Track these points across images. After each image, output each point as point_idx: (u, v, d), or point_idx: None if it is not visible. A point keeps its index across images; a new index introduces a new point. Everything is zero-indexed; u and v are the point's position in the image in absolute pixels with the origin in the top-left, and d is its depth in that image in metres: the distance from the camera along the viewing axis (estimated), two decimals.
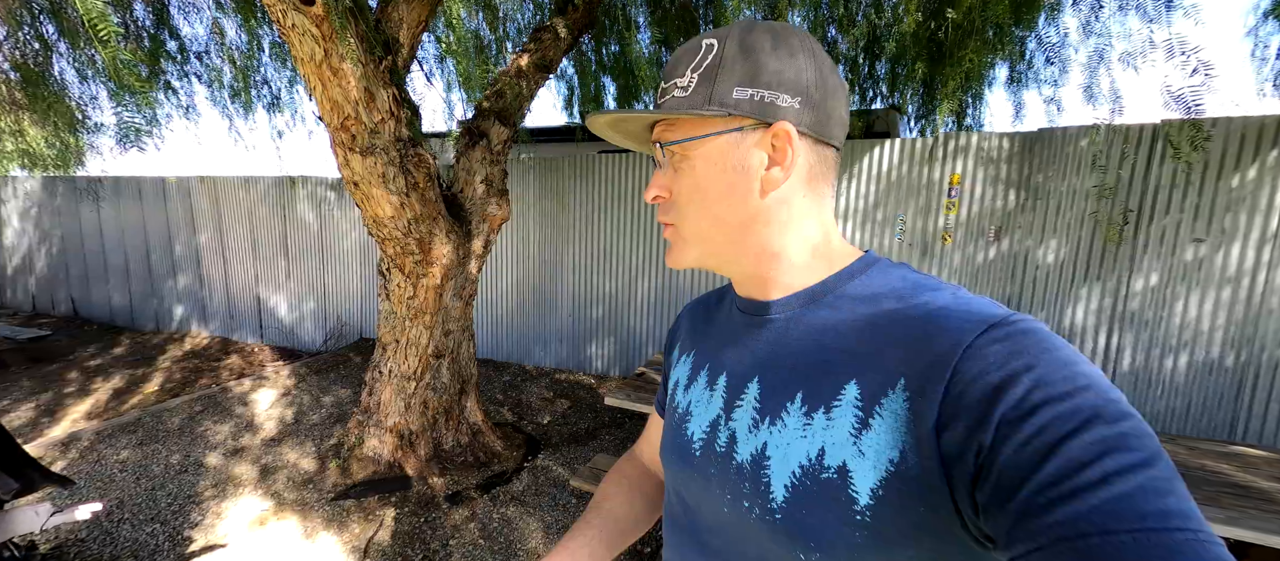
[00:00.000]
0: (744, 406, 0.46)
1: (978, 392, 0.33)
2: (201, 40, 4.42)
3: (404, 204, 2.08)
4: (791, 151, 0.43)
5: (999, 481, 0.31)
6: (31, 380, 4.13)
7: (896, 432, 0.36)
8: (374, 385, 2.60)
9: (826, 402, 0.40)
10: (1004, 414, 0.32)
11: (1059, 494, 0.29)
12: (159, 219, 5.40)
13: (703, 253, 0.49)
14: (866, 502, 0.36)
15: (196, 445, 2.97)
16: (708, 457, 0.47)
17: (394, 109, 2.00)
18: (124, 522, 2.28)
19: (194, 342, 5.22)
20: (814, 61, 0.44)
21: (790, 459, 0.40)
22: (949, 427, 0.34)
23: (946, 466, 0.34)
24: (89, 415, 3.53)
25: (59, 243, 6.05)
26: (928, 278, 0.44)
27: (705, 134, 0.44)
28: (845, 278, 0.46)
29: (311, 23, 1.69)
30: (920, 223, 3.19)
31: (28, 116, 4.90)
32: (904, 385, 0.37)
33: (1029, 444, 0.30)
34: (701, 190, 0.46)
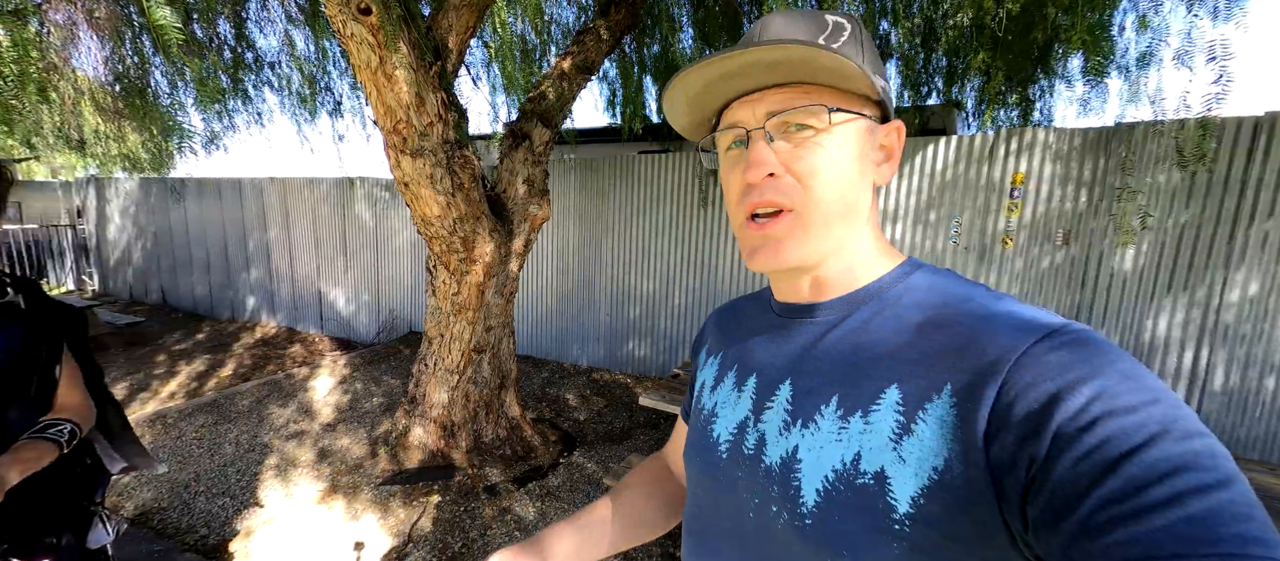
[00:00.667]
0: (775, 408, 0.44)
1: (1032, 401, 0.31)
2: (274, 51, 4.77)
3: (450, 203, 2.16)
4: (899, 151, 0.44)
5: (1053, 497, 0.29)
6: (127, 361, 4.59)
7: (941, 440, 0.34)
8: (420, 377, 2.72)
9: (865, 406, 0.38)
10: (1061, 425, 0.29)
11: (1122, 513, 0.26)
12: (235, 216, 5.87)
13: (822, 246, 0.43)
14: (906, 511, 0.34)
15: (262, 427, 3.21)
16: (735, 460, 0.46)
17: (442, 112, 2.08)
18: (199, 495, 2.49)
19: (263, 331, 5.64)
20: None
21: (823, 463, 0.39)
22: (999, 437, 0.32)
23: (995, 478, 0.32)
24: (173, 395, 3.88)
25: (152, 238, 6.69)
26: (976, 284, 0.42)
27: (856, 110, 0.41)
28: (889, 282, 0.44)
29: (368, 32, 1.78)
30: (978, 224, 3.00)
31: (128, 124, 5.45)
32: (951, 391, 0.35)
33: (1088, 458, 0.28)
34: (841, 173, 0.41)
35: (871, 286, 0.44)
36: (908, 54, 3.55)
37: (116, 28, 4.45)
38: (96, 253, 7.32)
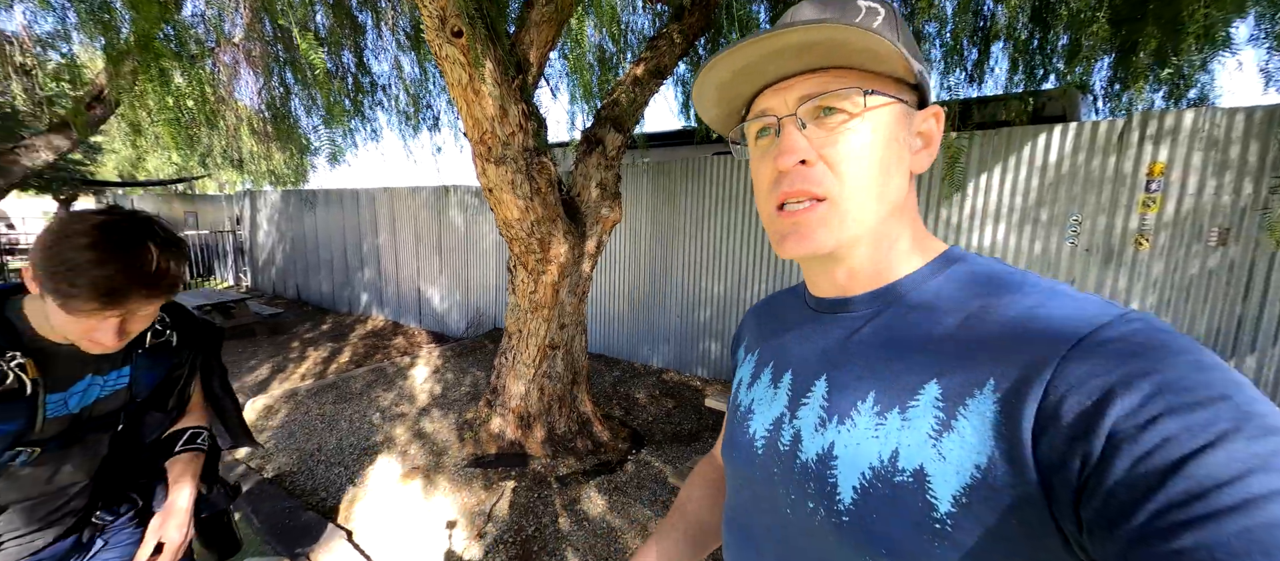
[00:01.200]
0: (810, 404, 0.44)
1: (1084, 396, 0.29)
2: (386, 75, 5.37)
3: (528, 207, 2.30)
4: (938, 136, 0.42)
5: (1111, 499, 0.27)
6: (270, 346, 5.40)
7: (983, 437, 0.32)
8: (500, 370, 2.92)
9: (902, 403, 0.37)
10: (1117, 421, 0.27)
11: (1188, 517, 0.24)
12: (353, 223, 6.68)
13: (856, 233, 0.41)
14: (947, 510, 0.33)
15: (370, 408, 3.62)
16: (771, 456, 0.46)
17: (523, 122, 2.23)
18: (320, 464, 2.87)
19: (373, 324, 6.35)
20: None
21: (860, 460, 0.38)
22: (1047, 435, 0.30)
23: (1044, 478, 0.30)
24: (303, 376, 4.51)
25: (290, 242, 7.81)
26: (1026, 272, 0.39)
27: (892, 95, 0.40)
28: (928, 274, 0.42)
29: (459, 52, 1.96)
30: (1103, 222, 2.62)
31: (274, 144, 6.44)
32: (994, 387, 0.33)
33: (1150, 458, 0.26)
34: (877, 160, 0.40)
35: (912, 278, 0.43)
36: (1017, 34, 3.20)
37: (267, 64, 5.27)
38: (249, 254, 8.69)
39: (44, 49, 4.60)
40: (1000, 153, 2.82)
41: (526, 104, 2.28)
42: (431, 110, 5.26)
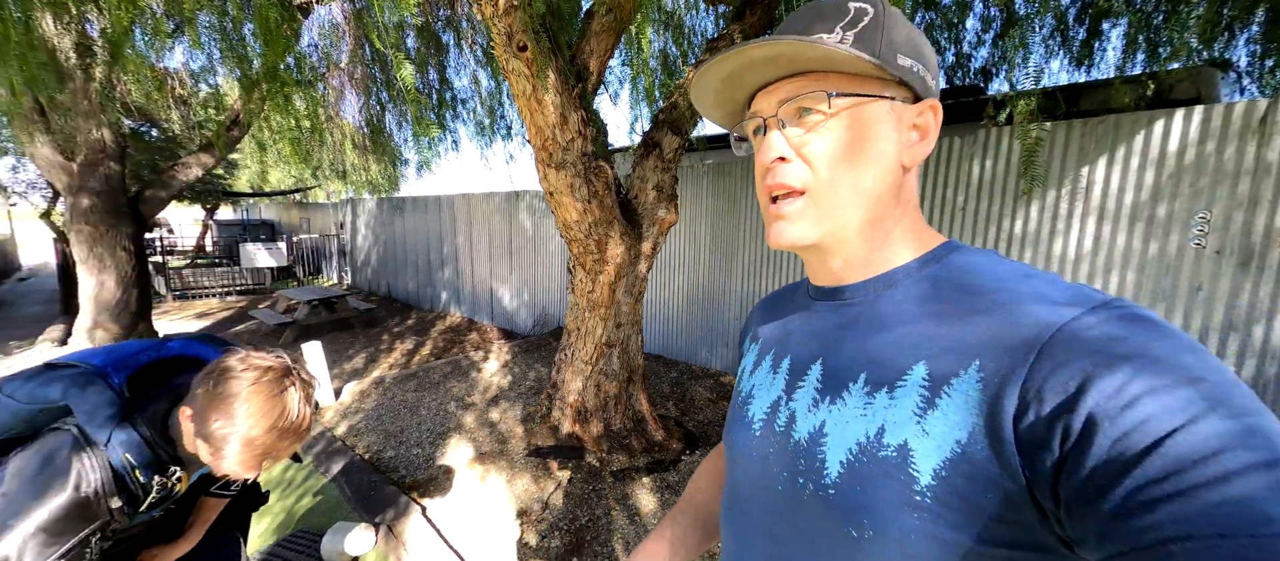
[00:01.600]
0: (805, 387, 0.46)
1: (1065, 378, 0.30)
2: (465, 90, 5.81)
3: (586, 209, 2.40)
4: (935, 129, 0.43)
5: (1091, 476, 0.28)
6: (365, 338, 6.02)
7: (965, 414, 0.34)
8: (560, 365, 3.05)
9: (891, 383, 0.39)
10: (1096, 403, 0.28)
11: (1164, 492, 0.25)
12: (434, 227, 7.26)
13: (834, 226, 0.43)
14: (928, 483, 0.35)
15: (446, 397, 3.93)
16: (767, 436, 0.48)
17: (582, 128, 2.33)
18: (402, 444, 3.16)
19: (451, 321, 6.86)
20: (929, 47, 0.44)
21: (847, 436, 0.40)
22: (1028, 414, 0.31)
23: (1024, 455, 0.31)
24: (391, 366, 4.98)
25: (382, 245, 8.64)
26: (1018, 264, 0.40)
27: (870, 93, 0.41)
28: (924, 262, 0.44)
29: (524, 65, 2.10)
30: (1239, 220, 2.25)
31: (371, 156, 7.19)
32: (979, 367, 0.34)
33: (1128, 437, 0.27)
34: (853, 155, 0.42)
35: (907, 266, 0.44)
36: (1141, 8, 2.85)
37: (366, 85, 5.88)
38: (350, 255, 9.72)
39: (196, 81, 5.48)
40: (1107, 143, 2.50)
41: (586, 110, 2.38)
42: (504, 120, 5.61)
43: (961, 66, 4.52)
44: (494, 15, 1.99)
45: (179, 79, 5.55)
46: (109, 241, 4.70)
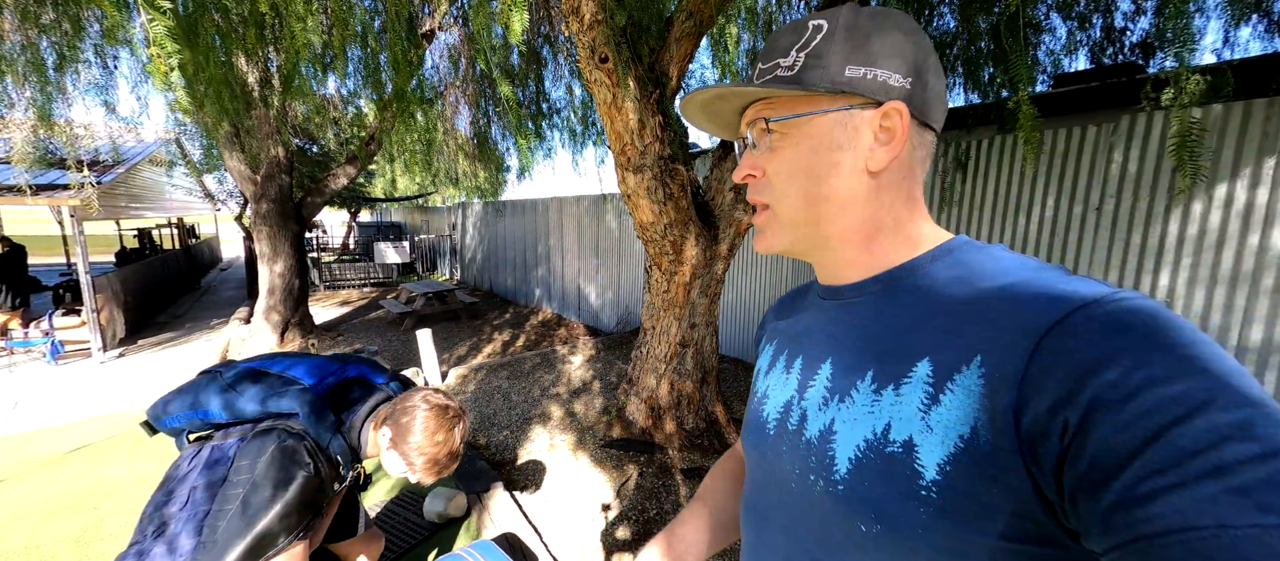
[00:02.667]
0: (816, 386, 0.47)
1: (1067, 369, 0.30)
2: (560, 100, 6.19)
3: (662, 211, 2.46)
4: (902, 132, 0.43)
5: (1091, 466, 0.28)
6: (469, 328, 6.67)
7: (968, 408, 0.35)
8: (637, 362, 3.15)
9: (897, 380, 0.40)
10: (1097, 392, 0.29)
11: (1165, 483, 0.26)
12: (531, 228, 7.82)
13: (796, 236, 0.48)
14: (933, 478, 0.35)
15: (535, 386, 4.23)
16: (781, 435, 0.49)
17: (659, 133, 2.40)
18: (494, 426, 3.47)
19: (543, 316, 7.34)
20: (920, 42, 0.44)
21: (856, 433, 0.41)
22: (1030, 406, 0.31)
23: (1027, 447, 0.32)
24: (490, 354, 5.47)
25: (486, 244, 9.48)
26: (1027, 258, 0.39)
27: (811, 111, 0.44)
28: (929, 259, 0.44)
29: (604, 75, 2.22)
30: None
31: (479, 164, 7.95)
32: (981, 361, 0.35)
33: (1129, 428, 0.27)
34: (804, 170, 0.45)
35: (911, 263, 0.45)
36: None
37: (476, 100, 6.50)
38: (459, 254, 10.79)
39: (345, 105, 6.48)
40: None
41: (664, 115, 2.44)
42: (594, 127, 5.89)
43: (1112, 42, 3.86)
44: (579, 31, 2.13)
45: (332, 103, 6.62)
46: (280, 240, 5.73)
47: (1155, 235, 2.40)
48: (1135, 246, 2.47)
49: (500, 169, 8.22)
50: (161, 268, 8.26)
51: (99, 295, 5.48)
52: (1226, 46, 3.57)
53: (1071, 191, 2.67)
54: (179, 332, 6.59)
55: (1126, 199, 2.48)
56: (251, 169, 5.68)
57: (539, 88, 5.92)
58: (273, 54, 4.14)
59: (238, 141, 5.54)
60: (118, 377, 4.85)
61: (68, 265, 8.78)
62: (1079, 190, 2.64)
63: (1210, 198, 2.23)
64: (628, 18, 2.26)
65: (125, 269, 6.72)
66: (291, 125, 5.80)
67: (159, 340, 6.22)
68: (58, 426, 3.71)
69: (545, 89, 6.00)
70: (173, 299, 8.65)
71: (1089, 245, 2.63)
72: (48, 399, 4.30)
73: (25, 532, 2.38)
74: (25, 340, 5.48)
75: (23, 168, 4.91)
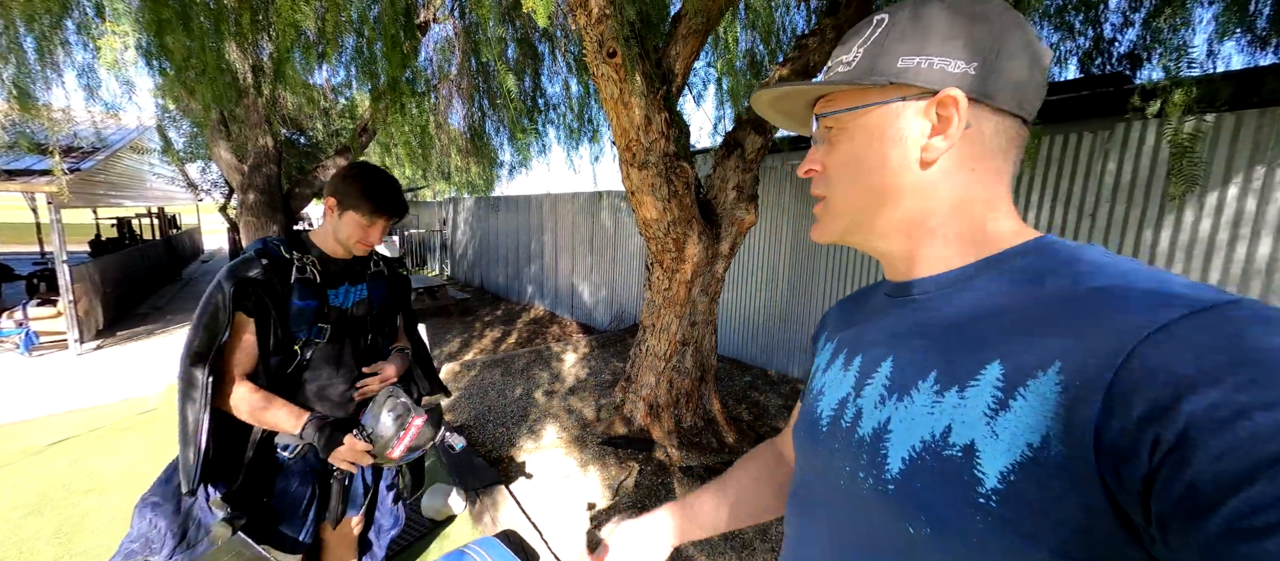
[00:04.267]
0: (874, 383, 0.46)
1: (1160, 384, 0.28)
2: (557, 96, 6.15)
3: (666, 208, 2.46)
4: (958, 119, 0.41)
5: (1189, 493, 0.26)
6: (460, 323, 6.59)
7: (1041, 416, 0.32)
8: (635, 359, 3.14)
9: (962, 382, 0.38)
10: (1197, 411, 0.26)
11: (1277, 519, 0.23)
12: (523, 224, 7.76)
13: (848, 225, 0.49)
14: (993, 486, 0.33)
15: (529, 383, 4.20)
16: (833, 433, 0.48)
17: (665, 130, 2.40)
18: (489, 422, 3.44)
19: (535, 313, 7.28)
20: (995, 24, 0.42)
21: (912, 433, 0.39)
22: (1114, 420, 0.29)
23: (1107, 463, 0.29)
24: (482, 350, 5.41)
25: (478, 239, 9.39)
26: (1123, 259, 0.36)
27: (862, 105, 0.44)
28: (1008, 257, 0.42)
29: (612, 70, 2.20)
30: None
31: (471, 159, 7.86)
32: (1060, 368, 0.32)
33: (1235, 454, 0.25)
34: (856, 162, 0.46)
35: (986, 261, 0.43)
36: None
37: (471, 95, 6.43)
38: (450, 249, 10.67)
39: (336, 95, 6.36)
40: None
41: (669, 112, 2.44)
42: (591, 125, 5.87)
43: (1101, 52, 3.95)
44: (587, 24, 2.11)
45: (323, 93, 6.49)
46: (267, 231, 5.61)
47: (1146, 241, 2.46)
48: (1127, 252, 2.53)
49: (494, 164, 8.13)
50: (141, 258, 8.03)
51: (77, 285, 5.31)
52: (1210, 59, 3.68)
53: (1065, 198, 2.73)
54: (159, 324, 6.42)
55: (1120, 205, 2.54)
56: (238, 158, 5.55)
57: (536, 84, 5.86)
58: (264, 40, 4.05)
59: (226, 130, 5.41)
60: (96, 370, 4.71)
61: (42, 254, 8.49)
62: (1074, 197, 2.70)
63: (1201, 205, 2.29)
64: (636, 12, 2.24)
65: (104, 258, 6.52)
66: (281, 115, 5.67)
67: (138, 332, 6.05)
68: (35, 419, 3.58)
69: (542, 85, 5.97)
70: (153, 290, 8.41)
71: None
72: (22, 391, 4.15)
73: (4, 528, 2.29)
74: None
75: None
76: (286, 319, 1.16)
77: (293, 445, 1.22)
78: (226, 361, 1.11)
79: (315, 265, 1.21)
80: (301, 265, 1.18)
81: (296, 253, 1.19)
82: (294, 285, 1.16)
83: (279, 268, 1.15)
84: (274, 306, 1.14)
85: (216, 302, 1.08)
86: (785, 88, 0.48)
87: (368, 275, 1.34)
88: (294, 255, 1.18)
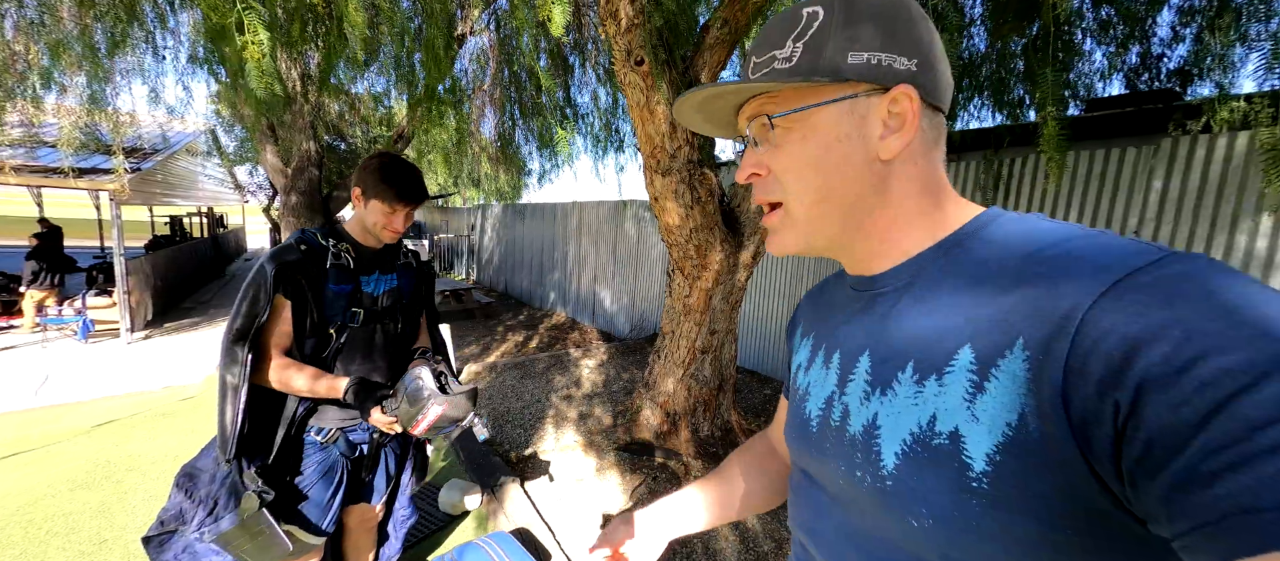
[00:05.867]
0: (856, 380, 0.46)
1: (1112, 345, 0.29)
2: (586, 106, 6.27)
3: (688, 215, 2.47)
4: (913, 116, 0.42)
5: (1148, 448, 0.27)
6: (483, 326, 6.71)
7: (1014, 395, 0.33)
8: (654, 366, 3.14)
9: (939, 370, 0.38)
10: (1147, 369, 0.27)
11: (1230, 459, 0.24)
12: (549, 231, 7.88)
13: (812, 233, 0.46)
14: (982, 468, 0.34)
15: (548, 387, 4.23)
16: (824, 433, 0.48)
17: (689, 137, 2.42)
18: (507, 423, 3.47)
19: (557, 319, 7.36)
20: (925, 23, 0.43)
21: (901, 427, 0.40)
22: (1078, 389, 0.30)
23: (1079, 433, 0.30)
24: (503, 353, 5.49)
25: (504, 246, 9.58)
26: (1063, 224, 0.37)
27: (816, 103, 0.42)
28: (961, 238, 0.42)
29: (639, 77, 2.24)
30: None
31: (501, 167, 8.06)
32: (1023, 345, 0.33)
33: (1188, 403, 0.26)
34: (813, 163, 0.43)
35: (941, 244, 0.43)
36: None
37: (503, 104, 6.61)
38: (477, 254, 10.91)
39: (376, 104, 6.64)
40: None
41: None
42: (618, 134, 5.96)
43: (1148, 69, 3.81)
44: (617, 32, 2.16)
45: (363, 102, 6.79)
46: None
47: None
48: None
49: (521, 172, 8.33)
50: (190, 254, 8.49)
51: (131, 278, 5.65)
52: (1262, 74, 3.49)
53: (1106, 215, 2.62)
54: (203, 317, 6.75)
55: (1167, 224, 2.42)
56: (283, 162, 5.84)
57: (566, 93, 6.01)
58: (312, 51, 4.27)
59: (273, 135, 5.71)
60: (143, 358, 4.97)
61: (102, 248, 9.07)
62: (1115, 214, 2.59)
63: (1256, 225, 2.17)
64: (664, 22, 2.29)
65: (156, 253, 6.92)
66: (325, 121, 5.95)
67: (183, 324, 6.37)
68: (85, 401, 3.80)
69: (572, 95, 6.10)
70: (200, 285, 8.87)
71: None
72: (77, 375, 4.42)
73: (53, 502, 2.43)
74: (58, 318, 5.65)
75: (68, 152, 5.12)
76: (322, 303, 1.22)
77: (325, 429, 1.27)
78: (265, 339, 1.17)
79: (350, 252, 1.26)
80: (337, 252, 1.24)
81: (332, 241, 1.25)
82: (330, 270, 1.22)
83: (316, 254, 1.21)
84: (311, 290, 1.19)
85: (258, 284, 1.15)
86: (719, 87, 0.44)
87: (397, 266, 1.39)
88: (330, 243, 1.24)
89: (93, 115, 4.40)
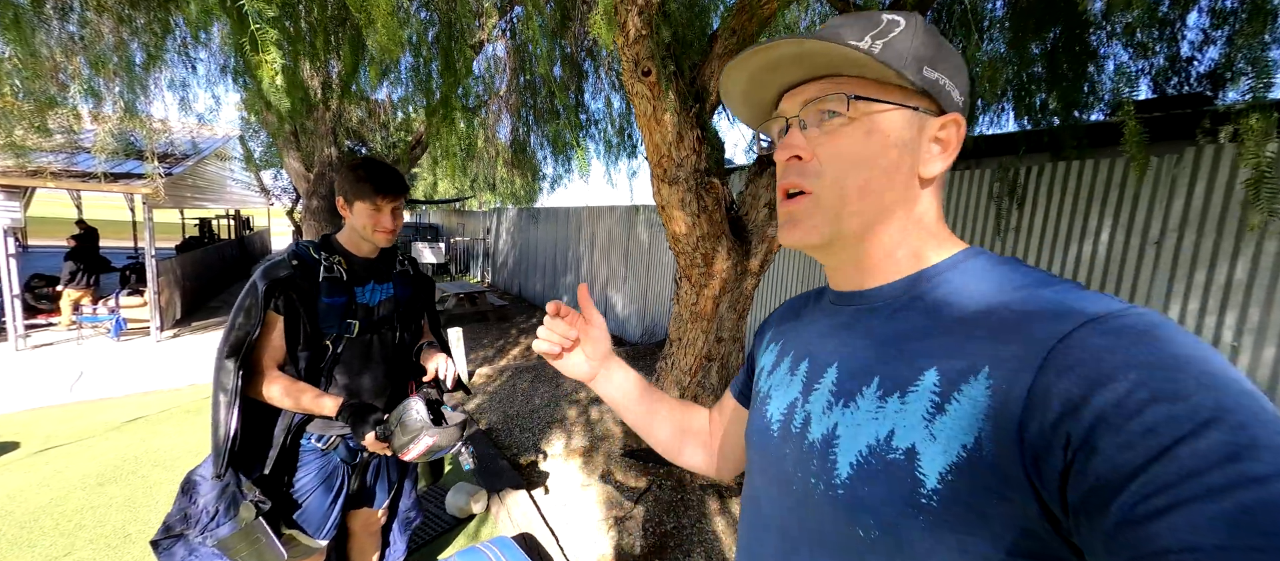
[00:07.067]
0: (821, 390, 0.47)
1: (1070, 384, 0.30)
2: (599, 112, 6.33)
3: (695, 223, 2.47)
4: (957, 143, 0.44)
5: (1095, 484, 0.28)
6: (496, 330, 6.79)
7: (973, 419, 0.34)
8: (661, 373, 3.14)
9: (903, 388, 0.39)
10: (1102, 409, 0.29)
11: (1170, 501, 0.25)
12: (561, 235, 7.95)
13: (839, 228, 0.45)
14: (934, 486, 0.35)
15: (557, 390, 4.27)
16: (784, 438, 0.49)
17: (696, 146, 2.43)
18: (515, 427, 3.51)
19: None
20: (965, 65, 0.45)
21: (859, 439, 0.41)
22: (1035, 420, 0.31)
23: (1030, 461, 0.31)
24: (514, 356, 5.55)
25: (518, 249, 9.68)
26: (1038, 272, 0.39)
27: (892, 101, 0.42)
28: (944, 268, 0.44)
29: (647, 88, 2.26)
30: None
31: (516, 171, 8.17)
32: (988, 373, 0.35)
33: (1133, 446, 0.27)
34: (867, 160, 0.43)
35: (924, 272, 0.44)
36: None
37: (518, 110, 6.71)
38: (492, 257, 11.05)
39: (394, 110, 6.80)
40: None
41: (702, 129, 2.47)
42: (631, 139, 5.99)
43: (1177, 72, 3.69)
44: (624, 44, 2.18)
45: (382, 108, 6.95)
46: None
47: (1222, 275, 2.25)
48: (1198, 285, 2.32)
49: (536, 177, 8.42)
50: (217, 255, 8.78)
51: (161, 278, 5.87)
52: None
53: (1128, 224, 2.55)
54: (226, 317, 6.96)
55: (1190, 235, 2.34)
56: (305, 167, 6.01)
57: (579, 99, 6.06)
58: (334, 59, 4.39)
59: (296, 141, 5.88)
60: (171, 356, 5.16)
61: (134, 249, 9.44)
62: (1136, 223, 2.52)
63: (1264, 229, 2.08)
64: (672, 34, 2.30)
65: (185, 255, 7.17)
66: (346, 128, 6.12)
67: (209, 323, 6.59)
68: (117, 398, 3.96)
69: (584, 101, 6.16)
70: (226, 285, 9.17)
71: (1146, 280, 2.49)
72: (110, 372, 4.61)
73: (83, 494, 2.54)
74: (93, 316, 5.91)
75: (103, 157, 5.35)
76: (315, 316, 1.24)
77: (326, 436, 1.30)
78: (258, 355, 1.20)
79: (341, 264, 1.28)
80: (329, 265, 1.26)
81: (324, 254, 1.27)
82: (322, 284, 1.24)
83: (308, 268, 1.23)
84: (303, 304, 1.22)
85: (250, 300, 1.17)
86: (811, 43, 0.41)
87: (393, 274, 1.40)
88: (321, 256, 1.26)
89: (128, 123, 4.60)
